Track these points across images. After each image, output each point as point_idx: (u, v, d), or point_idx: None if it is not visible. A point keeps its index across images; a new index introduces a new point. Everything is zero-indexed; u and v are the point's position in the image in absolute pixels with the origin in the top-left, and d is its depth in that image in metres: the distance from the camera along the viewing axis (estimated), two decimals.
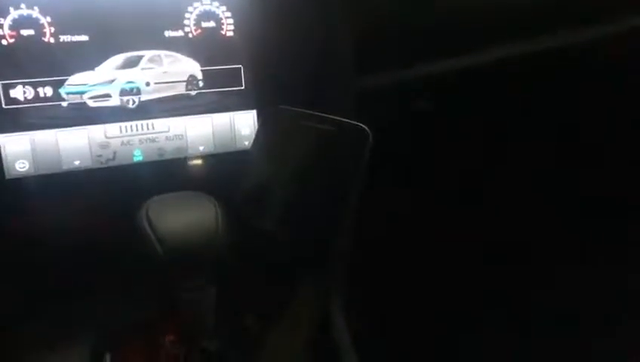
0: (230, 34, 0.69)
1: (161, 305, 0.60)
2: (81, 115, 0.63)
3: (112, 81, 0.64)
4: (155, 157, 0.68)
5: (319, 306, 0.61)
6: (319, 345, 0.60)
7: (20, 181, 0.62)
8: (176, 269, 0.54)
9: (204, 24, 0.68)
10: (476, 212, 0.59)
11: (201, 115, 0.69)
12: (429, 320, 0.65)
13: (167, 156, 0.68)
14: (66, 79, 0.62)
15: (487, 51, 0.58)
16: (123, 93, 0.65)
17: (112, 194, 0.65)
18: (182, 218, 0.54)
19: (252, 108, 0.71)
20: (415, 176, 0.66)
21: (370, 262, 0.66)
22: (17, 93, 0.60)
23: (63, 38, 0.61)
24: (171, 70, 0.66)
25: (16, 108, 0.61)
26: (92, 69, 0.63)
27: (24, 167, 0.62)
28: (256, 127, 0.71)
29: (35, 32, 0.60)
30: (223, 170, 0.70)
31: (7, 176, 0.61)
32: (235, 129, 0.71)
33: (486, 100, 0.60)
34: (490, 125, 0.60)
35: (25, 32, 0.60)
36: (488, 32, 0.56)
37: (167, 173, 0.68)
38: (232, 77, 0.70)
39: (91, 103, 0.64)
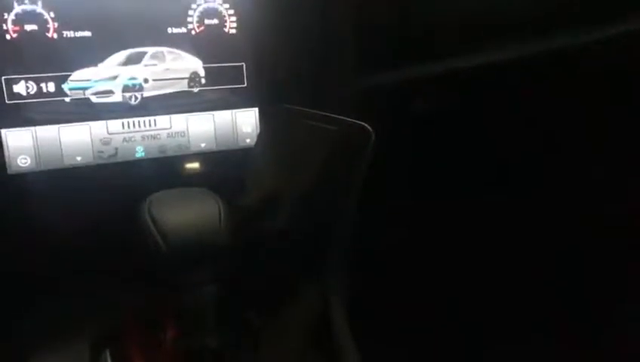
0: (233, 31, 0.69)
1: (163, 301, 0.60)
2: (84, 111, 0.63)
3: (115, 77, 0.64)
4: (157, 154, 0.68)
5: (320, 304, 0.61)
6: (321, 342, 0.61)
7: (22, 176, 0.62)
8: (178, 265, 0.54)
9: (207, 21, 0.68)
10: (478, 211, 0.59)
11: (203, 113, 0.69)
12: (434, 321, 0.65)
13: (169, 153, 0.68)
14: (69, 75, 0.62)
15: (489, 51, 0.58)
16: (125, 89, 0.65)
17: (114, 191, 0.65)
18: (185, 214, 0.54)
19: (254, 106, 0.72)
20: (416, 175, 0.66)
21: (372, 262, 0.66)
22: (20, 88, 0.60)
23: (67, 33, 0.61)
24: (174, 67, 0.67)
25: (19, 103, 0.61)
26: (95, 65, 0.63)
27: (26, 163, 0.62)
28: (259, 126, 0.71)
29: (39, 27, 0.60)
30: (224, 168, 0.70)
31: (10, 171, 0.61)
32: (236, 126, 0.71)
33: (486, 101, 0.60)
34: (491, 127, 0.60)
35: (28, 27, 0.60)
36: (490, 32, 0.57)
37: (168, 170, 0.68)
38: (235, 74, 0.70)
39: (94, 99, 0.64)
